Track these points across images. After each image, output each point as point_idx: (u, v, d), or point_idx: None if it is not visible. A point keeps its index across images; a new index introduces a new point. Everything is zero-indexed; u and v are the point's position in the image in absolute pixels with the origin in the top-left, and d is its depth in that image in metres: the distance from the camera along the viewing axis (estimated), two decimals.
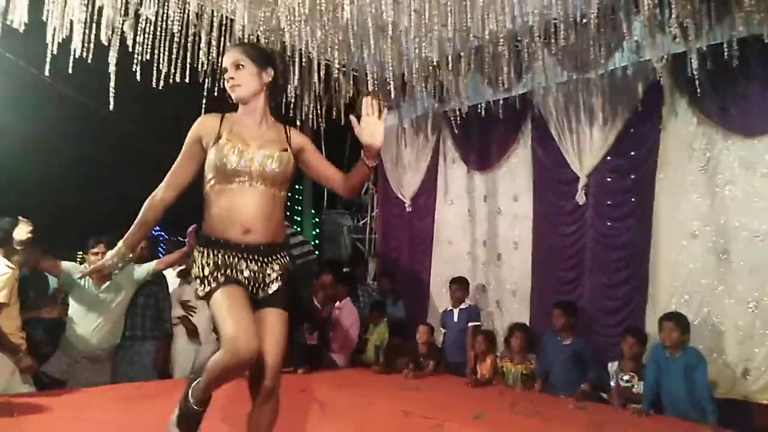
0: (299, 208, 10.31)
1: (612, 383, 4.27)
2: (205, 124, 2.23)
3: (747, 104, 4.28)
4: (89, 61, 4.03)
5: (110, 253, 2.29)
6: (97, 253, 4.04)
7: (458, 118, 5.48)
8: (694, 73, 4.00)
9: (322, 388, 4.28)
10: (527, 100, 5.41)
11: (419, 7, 4.24)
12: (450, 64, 4.94)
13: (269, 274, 2.15)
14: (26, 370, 3.78)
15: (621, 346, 4.26)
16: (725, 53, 3.89)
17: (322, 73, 5.13)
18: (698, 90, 4.11)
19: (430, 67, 5.09)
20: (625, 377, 4.18)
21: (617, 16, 4.25)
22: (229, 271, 2.10)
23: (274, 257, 2.19)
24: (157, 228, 4.99)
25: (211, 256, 2.11)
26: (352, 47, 4.83)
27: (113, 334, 4.23)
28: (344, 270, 6.38)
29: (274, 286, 2.14)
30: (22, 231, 3.76)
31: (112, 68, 4.13)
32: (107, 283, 4.15)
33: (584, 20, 4.26)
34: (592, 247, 5.02)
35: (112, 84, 4.12)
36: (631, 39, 4.38)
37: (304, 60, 4.93)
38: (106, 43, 4.11)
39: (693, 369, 3.81)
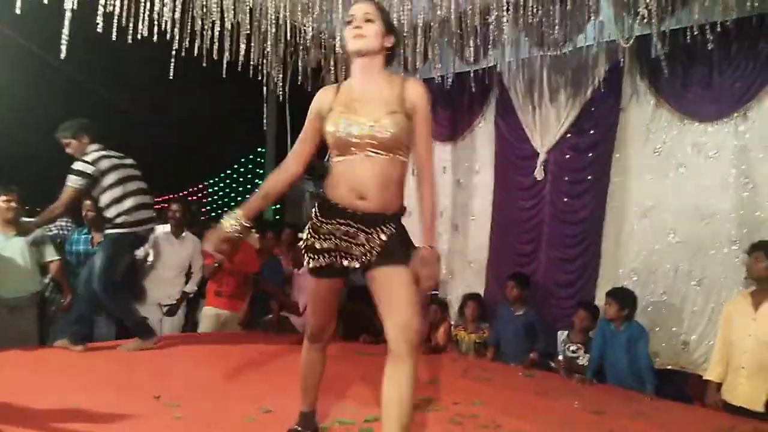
0: (261, 171, 10.17)
1: (559, 352, 4.46)
2: (320, 98, 2.21)
3: (703, 90, 4.42)
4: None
5: (229, 220, 2.16)
6: (8, 201, 4.01)
7: None
8: (659, 55, 4.09)
9: (279, 350, 4.31)
10: (493, 74, 5.43)
11: None
12: (418, 35, 4.90)
13: (375, 241, 2.10)
14: None
15: (572, 318, 4.43)
16: (687, 37, 3.99)
17: (290, 36, 5.01)
18: (665, 72, 4.20)
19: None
20: (572, 348, 4.37)
21: None
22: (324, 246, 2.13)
23: (381, 227, 2.12)
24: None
25: (318, 227, 2.14)
26: (321, 10, 4.73)
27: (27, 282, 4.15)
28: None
29: (380, 248, 2.10)
30: None
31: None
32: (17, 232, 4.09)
33: None
34: (549, 222, 5.16)
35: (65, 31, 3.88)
36: (597, 18, 4.43)
37: (272, 22, 4.80)
38: None
39: (635, 341, 4.01)
